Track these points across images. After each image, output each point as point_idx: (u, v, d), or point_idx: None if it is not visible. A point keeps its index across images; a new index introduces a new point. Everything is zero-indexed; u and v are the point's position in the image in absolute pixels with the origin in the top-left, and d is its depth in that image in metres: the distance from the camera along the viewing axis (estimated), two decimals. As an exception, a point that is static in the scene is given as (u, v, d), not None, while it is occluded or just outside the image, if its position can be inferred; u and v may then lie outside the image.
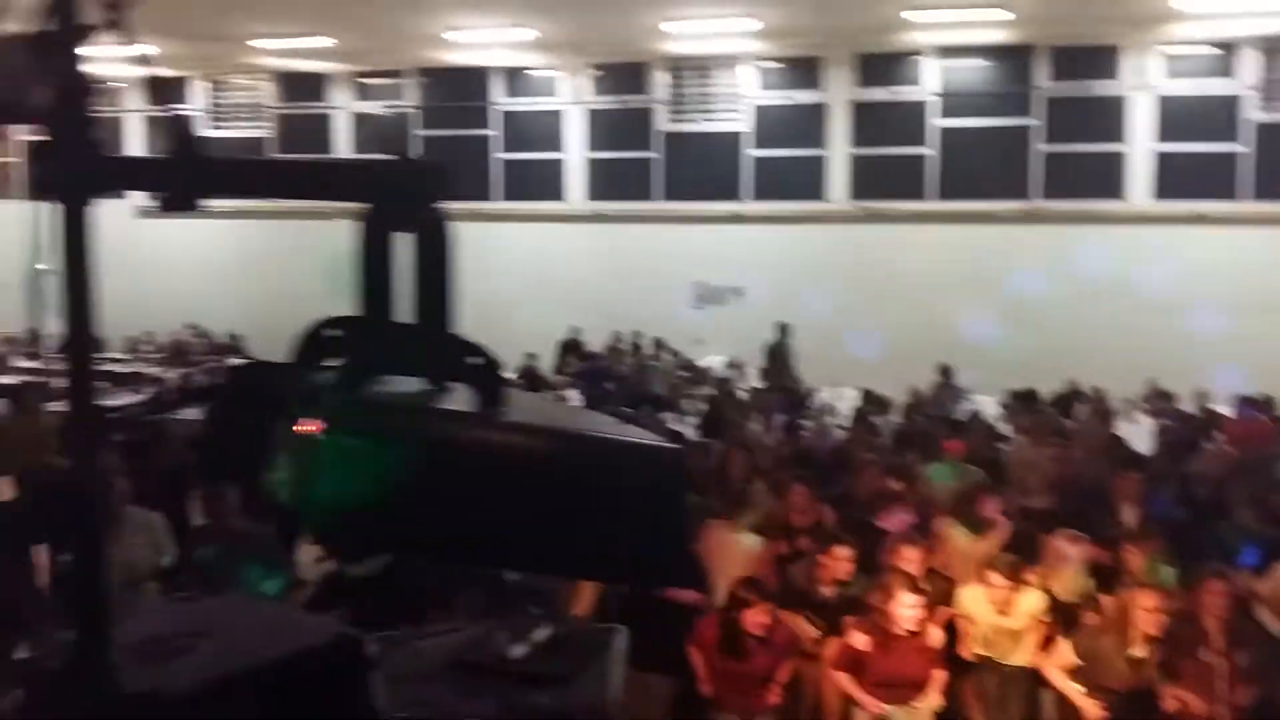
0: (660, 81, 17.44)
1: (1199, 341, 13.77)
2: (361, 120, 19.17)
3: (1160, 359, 13.37)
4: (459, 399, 1.28)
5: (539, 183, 17.90)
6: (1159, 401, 12.30)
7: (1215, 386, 12.47)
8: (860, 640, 5.28)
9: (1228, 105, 15.30)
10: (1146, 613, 5.15)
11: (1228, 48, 15.24)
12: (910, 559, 5.58)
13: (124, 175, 1.51)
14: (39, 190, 1.34)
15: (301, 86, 19.29)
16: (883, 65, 16.52)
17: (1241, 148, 15.17)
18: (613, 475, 1.25)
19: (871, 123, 16.61)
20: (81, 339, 1.42)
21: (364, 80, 19.11)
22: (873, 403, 11.56)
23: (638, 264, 16.97)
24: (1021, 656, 5.62)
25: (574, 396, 11.47)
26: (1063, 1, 14.09)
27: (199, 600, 2.17)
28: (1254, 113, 15.15)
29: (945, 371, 12.75)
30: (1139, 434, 10.50)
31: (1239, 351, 13.26)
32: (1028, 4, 13.98)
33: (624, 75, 17.66)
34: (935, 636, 5.49)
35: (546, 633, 2.19)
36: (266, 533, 6.19)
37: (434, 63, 18.05)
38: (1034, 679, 5.60)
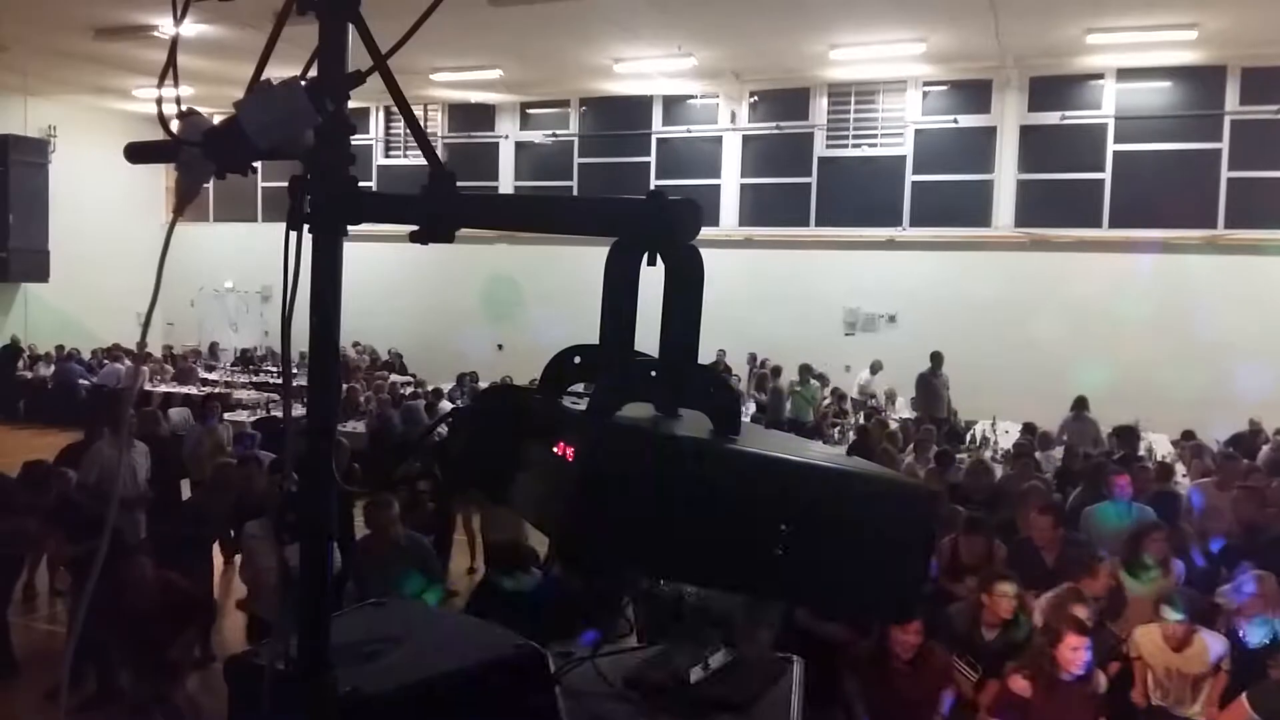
0: (819, 107, 17.37)
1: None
2: (525, 149, 19.85)
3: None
4: (698, 426, 1.33)
5: (695, 209, 18.03)
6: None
7: None
8: (1021, 686, 5.05)
9: None
10: None
11: None
12: (1080, 613, 5.27)
13: (380, 207, 1.63)
14: (296, 221, 1.46)
15: (470, 116, 20.15)
16: (1056, 88, 15.98)
17: None
18: (866, 511, 1.29)
19: (1042, 147, 16.08)
20: (326, 359, 1.53)
21: (529, 110, 19.79)
22: (1034, 437, 11.09)
23: (789, 289, 16.92)
24: (1197, 709, 5.27)
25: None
26: (1260, 21, 13.25)
27: (385, 606, 2.28)
28: None
29: (1080, 404, 12.09)
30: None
31: None
32: (1220, 23, 13.23)
33: (782, 101, 17.69)
34: (1102, 682, 5.21)
35: (723, 657, 2.20)
36: (425, 544, 6.41)
37: (596, 92, 18.54)
38: None
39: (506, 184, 19.58)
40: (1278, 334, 13.97)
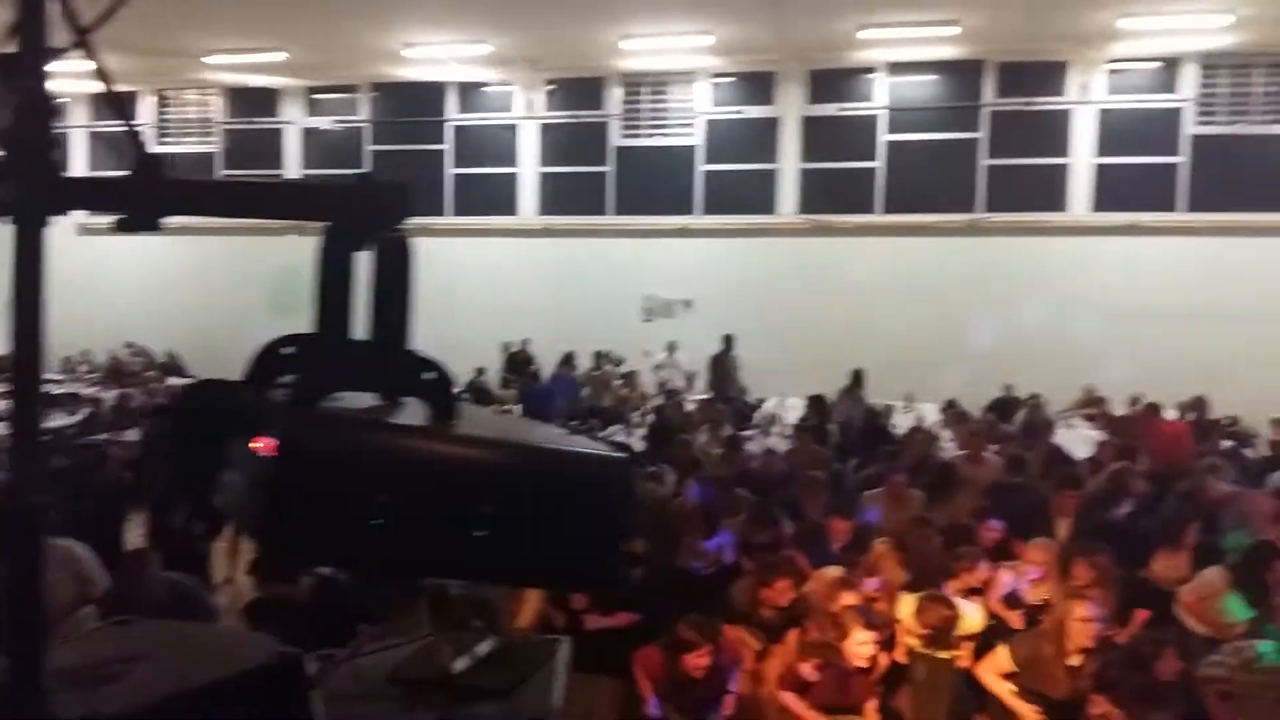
0: (614, 97, 17.58)
1: (1134, 347, 14.33)
2: (313, 136, 19.06)
3: (1097, 364, 13.90)
4: (413, 413, 1.32)
5: (491, 197, 17.93)
6: (1094, 407, 12.64)
7: (1148, 390, 12.77)
8: (809, 672, 5.28)
9: (1168, 119, 15.82)
10: (1080, 623, 5.22)
11: (1169, 63, 15.76)
12: (849, 600, 5.56)
13: (84, 195, 1.53)
14: (-2, 211, 1.35)
15: (252, 101, 19.14)
16: (833, 81, 16.83)
17: (1180, 159, 15.68)
18: (558, 485, 1.30)
19: (822, 137, 16.90)
20: (30, 361, 1.43)
21: (316, 95, 19.01)
22: (819, 413, 11.69)
23: (588, 277, 17.11)
24: (958, 660, 5.69)
25: (518, 410, 11.44)
26: (1013, 18, 14.46)
27: (135, 625, 2.16)
28: (1192, 126, 15.67)
29: (854, 378, 12.98)
30: (1075, 440, 10.70)
31: (1172, 355, 13.91)
32: (978, 20, 14.32)
33: (578, 90, 17.78)
34: (883, 665, 5.53)
35: (489, 646, 2.21)
36: (184, 586, 5.92)
37: (388, 77, 18.03)
38: (966, 676, 5.65)
39: (293, 172, 18.73)
40: (1033, 308, 15.33)
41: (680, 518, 6.84)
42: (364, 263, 1.38)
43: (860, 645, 5.25)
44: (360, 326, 1.40)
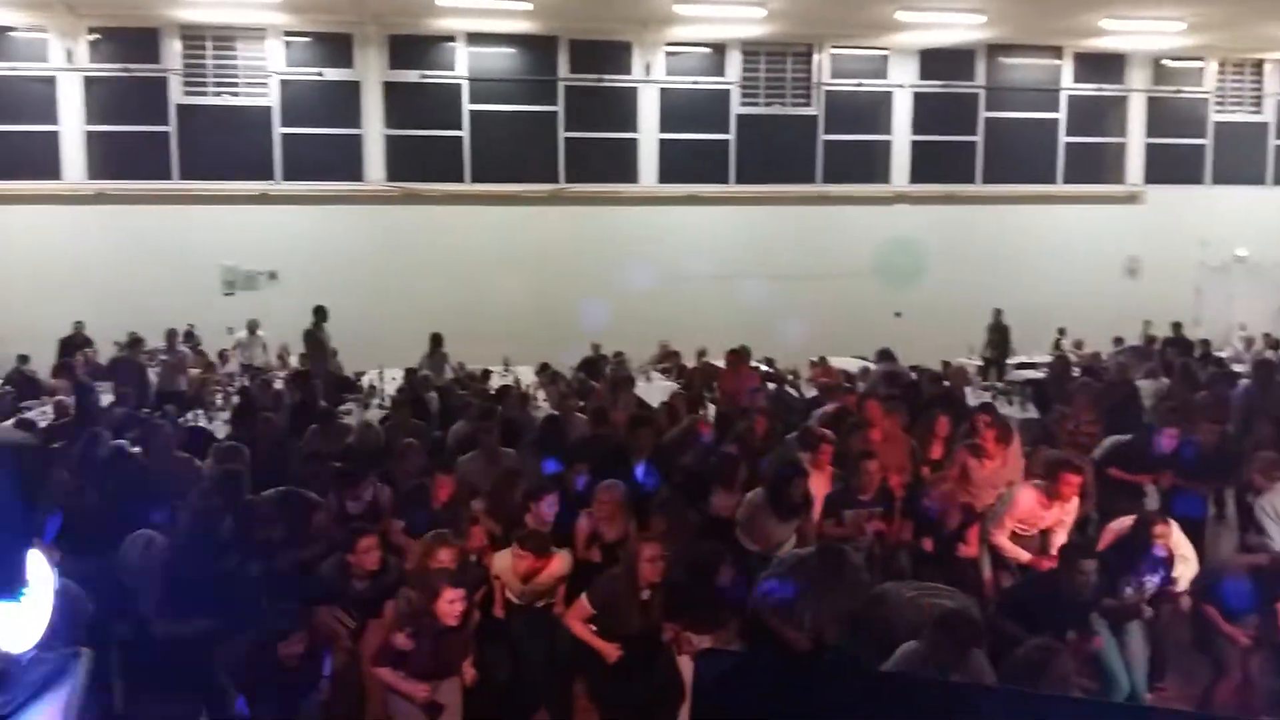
0: (173, 50, 16.01)
1: (698, 304, 16.02)
2: None
3: (669, 322, 15.33)
4: None
5: (28, 159, 15.63)
6: (669, 361, 13.85)
7: (710, 341, 14.12)
8: (403, 642, 5.27)
9: (718, 99, 17.53)
10: (649, 563, 5.71)
11: (717, 49, 17.44)
12: (446, 559, 5.60)
13: None
14: None
15: None
16: (414, 47, 16.65)
17: (729, 136, 17.48)
18: None
19: (406, 104, 16.69)
20: None
21: None
22: (417, 383, 11.64)
23: (155, 248, 15.62)
24: (553, 606, 6.00)
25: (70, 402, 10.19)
26: (580, -1, 15.17)
27: None
28: (738, 106, 17.51)
29: (435, 340, 13.34)
30: (653, 391, 11.62)
31: (729, 311, 15.71)
32: (546, -3, 14.83)
33: (129, 41, 15.95)
34: (474, 621, 5.63)
35: (-13, 670, 1.99)
36: None
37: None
38: (556, 622, 5.98)
39: None
40: (613, 273, 16.34)
41: (259, 505, 6.51)
42: None
43: (450, 604, 5.30)
44: None
